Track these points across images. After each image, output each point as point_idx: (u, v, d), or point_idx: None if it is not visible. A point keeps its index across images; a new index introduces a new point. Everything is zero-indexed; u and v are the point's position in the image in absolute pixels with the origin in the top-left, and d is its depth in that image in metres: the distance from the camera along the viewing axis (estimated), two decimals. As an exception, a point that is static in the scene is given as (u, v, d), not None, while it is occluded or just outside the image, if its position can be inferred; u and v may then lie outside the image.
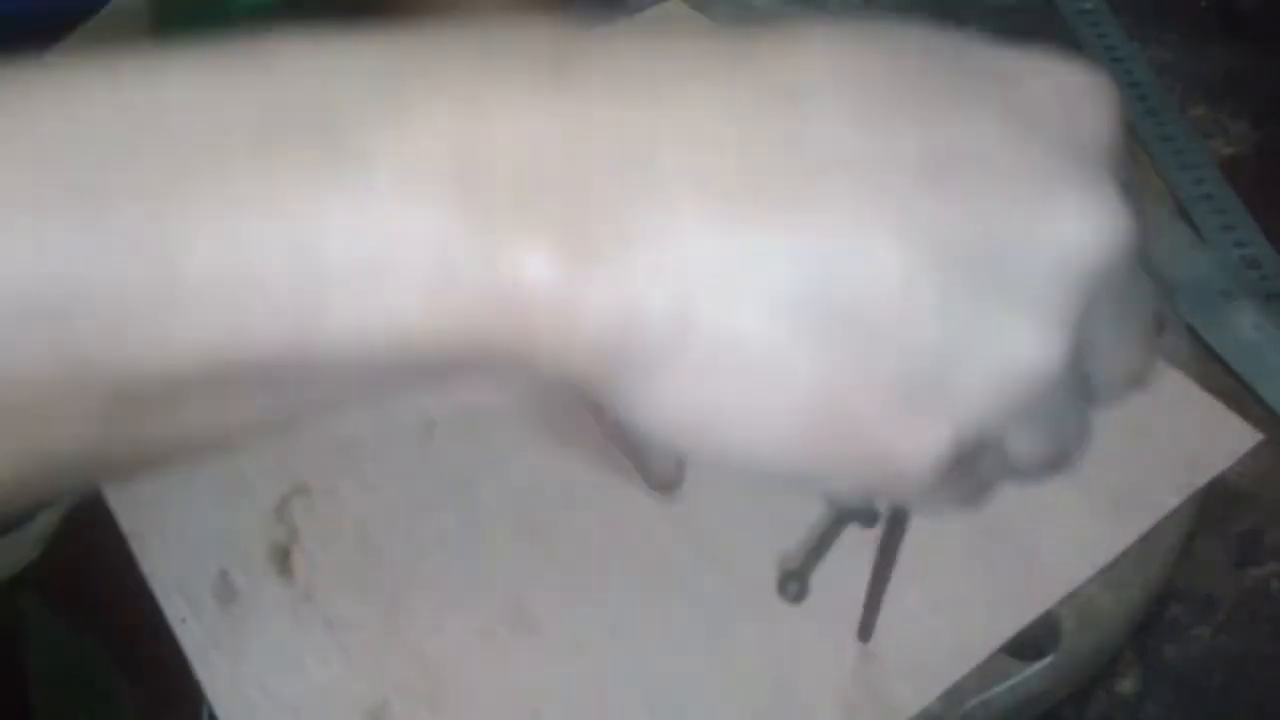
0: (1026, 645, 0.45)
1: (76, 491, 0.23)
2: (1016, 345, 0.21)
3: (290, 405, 0.22)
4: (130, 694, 1.05)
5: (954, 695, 0.44)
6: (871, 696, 0.44)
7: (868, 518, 0.46)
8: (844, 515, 0.47)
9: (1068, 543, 0.47)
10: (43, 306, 0.19)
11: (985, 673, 0.44)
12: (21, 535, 0.77)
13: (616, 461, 0.50)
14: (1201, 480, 0.49)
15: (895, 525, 0.39)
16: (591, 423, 0.51)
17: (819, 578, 0.47)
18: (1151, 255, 0.23)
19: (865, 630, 0.45)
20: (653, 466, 0.49)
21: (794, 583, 0.46)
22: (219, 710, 0.45)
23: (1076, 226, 0.21)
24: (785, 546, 0.48)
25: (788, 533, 0.48)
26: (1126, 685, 0.48)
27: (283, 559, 0.49)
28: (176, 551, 0.49)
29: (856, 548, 0.48)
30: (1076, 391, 0.23)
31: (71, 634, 1.01)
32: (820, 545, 0.47)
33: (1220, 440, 0.50)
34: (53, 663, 1.08)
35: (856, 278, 0.20)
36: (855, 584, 0.46)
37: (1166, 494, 0.49)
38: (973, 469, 0.24)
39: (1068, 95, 0.22)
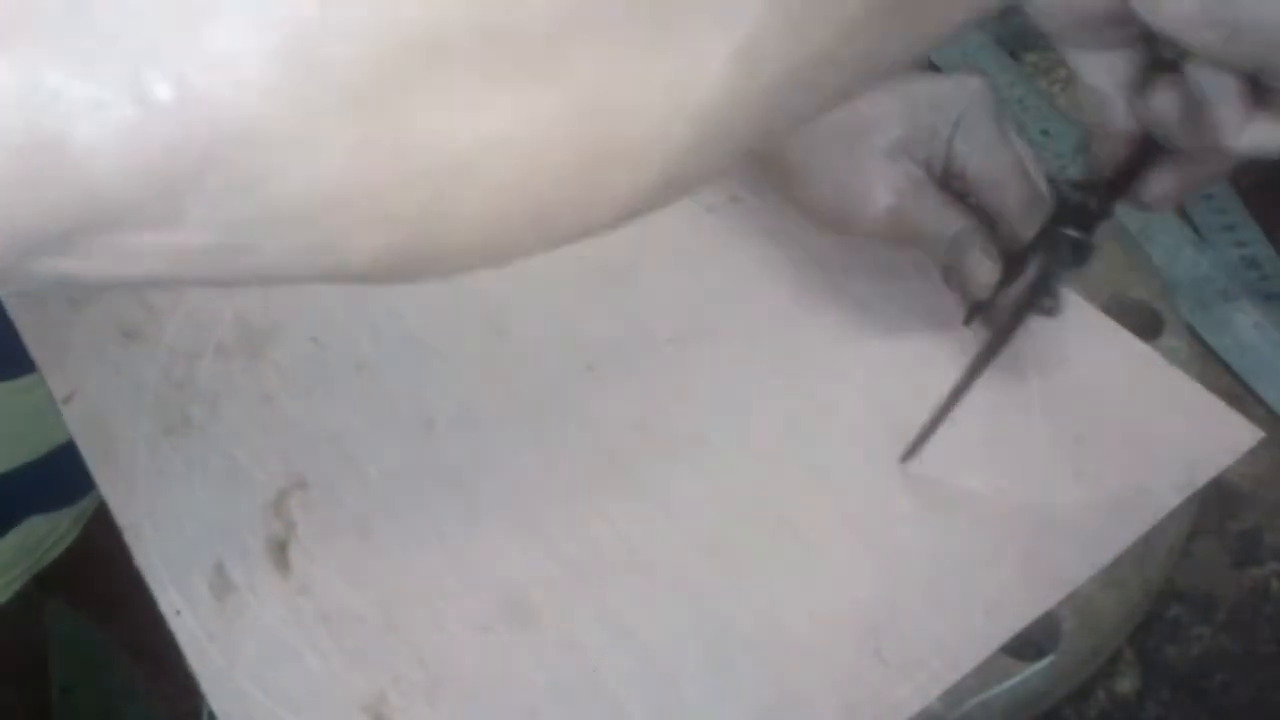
0: (1026, 645, 0.45)
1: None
2: None
3: None
4: (150, 687, 1.05)
5: (954, 695, 0.44)
6: (871, 696, 0.43)
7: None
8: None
9: (1068, 543, 0.47)
10: None
11: (985, 673, 0.44)
12: (61, 517, 0.77)
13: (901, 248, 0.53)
14: (1201, 480, 0.49)
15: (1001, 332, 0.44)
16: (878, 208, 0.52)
17: (816, 591, 0.47)
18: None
19: (912, 449, 0.48)
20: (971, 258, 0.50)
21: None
22: (213, 704, 0.44)
23: None
24: (784, 544, 0.48)
25: (788, 531, 0.48)
26: (1126, 685, 0.48)
27: (279, 552, 0.48)
28: (172, 544, 0.49)
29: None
30: None
31: (93, 630, 1.01)
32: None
33: (1220, 440, 0.50)
34: (74, 659, 1.08)
35: None
36: (860, 585, 0.46)
37: (1166, 494, 0.48)
38: None
39: None
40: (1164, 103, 0.38)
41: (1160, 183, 0.41)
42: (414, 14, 0.19)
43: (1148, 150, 0.40)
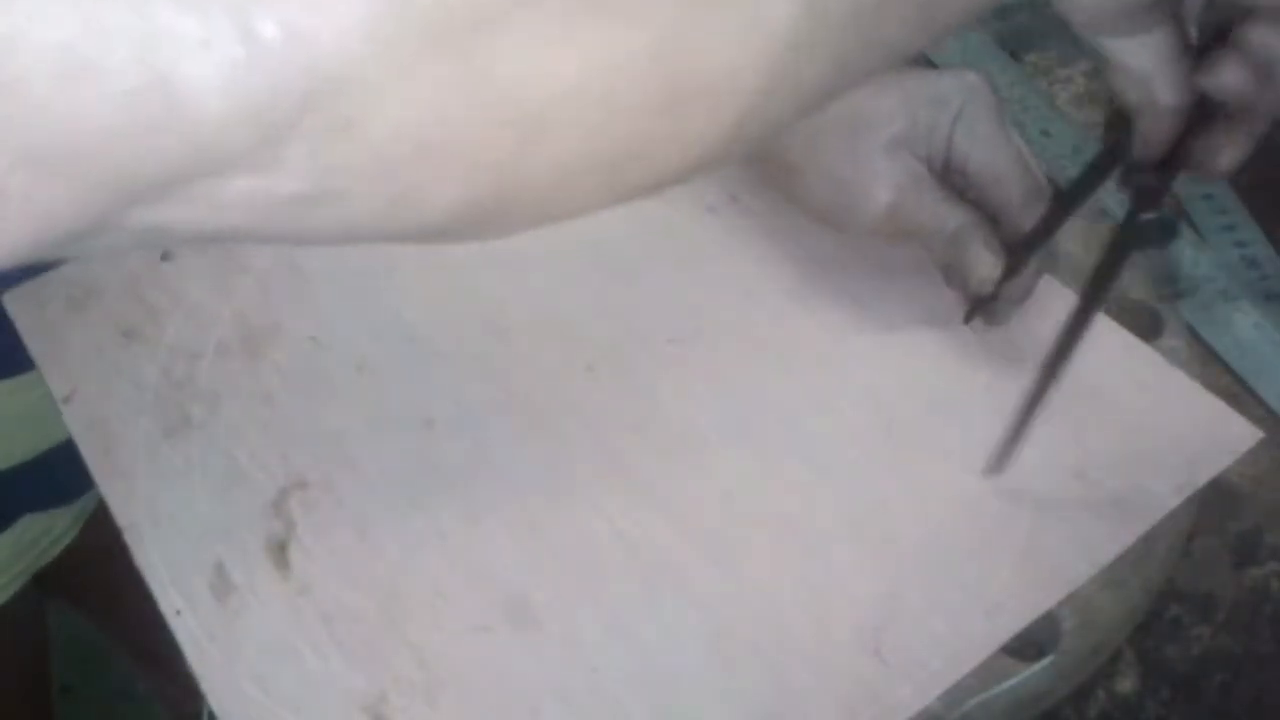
0: (1026, 645, 0.45)
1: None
2: None
3: None
4: (150, 687, 1.05)
5: (954, 695, 0.44)
6: (871, 696, 0.43)
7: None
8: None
9: (1068, 543, 0.47)
10: None
11: (985, 673, 0.44)
12: (59, 515, 0.77)
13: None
14: (1201, 480, 0.49)
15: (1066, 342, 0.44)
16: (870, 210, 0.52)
17: (816, 591, 0.47)
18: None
19: (1001, 459, 0.48)
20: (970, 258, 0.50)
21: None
22: (214, 703, 0.44)
23: None
24: (784, 544, 0.48)
25: (788, 531, 0.48)
26: (1126, 685, 0.48)
27: (279, 552, 0.48)
28: (172, 544, 0.49)
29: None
30: None
31: (93, 631, 1.01)
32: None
33: (1220, 440, 0.50)
34: (74, 659, 1.08)
35: None
36: (860, 585, 0.46)
37: (1166, 494, 0.48)
38: None
39: None
40: (1232, 73, 0.37)
41: (1231, 148, 0.40)
42: None
43: (1200, 119, 0.40)
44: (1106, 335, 0.54)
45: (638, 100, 0.22)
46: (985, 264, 0.50)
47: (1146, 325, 0.55)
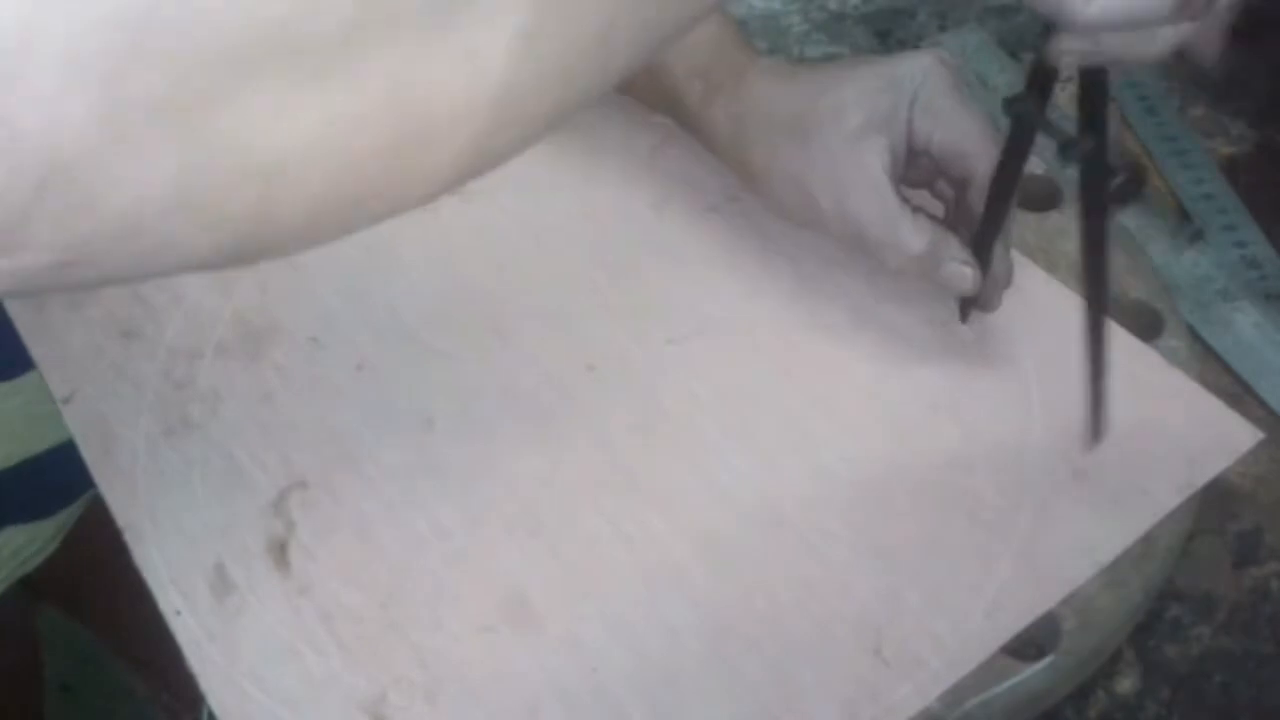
0: (1026, 645, 0.45)
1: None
2: None
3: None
4: (149, 691, 1.05)
5: (954, 695, 0.44)
6: (871, 696, 0.43)
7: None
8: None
9: (1068, 543, 0.47)
10: None
11: (985, 673, 0.44)
12: (42, 527, 0.77)
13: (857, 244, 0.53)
14: (1201, 480, 0.49)
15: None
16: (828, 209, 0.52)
17: (816, 591, 0.47)
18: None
19: (1095, 431, 0.48)
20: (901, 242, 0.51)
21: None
22: (213, 703, 0.44)
23: None
24: (784, 544, 0.48)
25: (788, 531, 0.48)
26: (1126, 685, 0.48)
27: (280, 552, 0.48)
28: (172, 544, 0.49)
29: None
30: None
31: (87, 637, 1.01)
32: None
33: (1220, 440, 0.50)
34: (73, 658, 1.08)
35: None
36: (860, 585, 0.46)
37: (1166, 494, 0.48)
38: None
39: None
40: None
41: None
42: (218, 38, 0.21)
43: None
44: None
45: (372, 147, 0.24)
46: (966, 279, 0.50)
47: (1146, 325, 0.55)
